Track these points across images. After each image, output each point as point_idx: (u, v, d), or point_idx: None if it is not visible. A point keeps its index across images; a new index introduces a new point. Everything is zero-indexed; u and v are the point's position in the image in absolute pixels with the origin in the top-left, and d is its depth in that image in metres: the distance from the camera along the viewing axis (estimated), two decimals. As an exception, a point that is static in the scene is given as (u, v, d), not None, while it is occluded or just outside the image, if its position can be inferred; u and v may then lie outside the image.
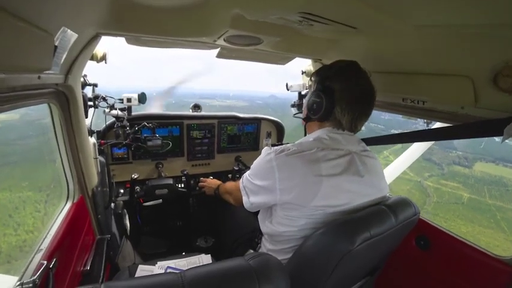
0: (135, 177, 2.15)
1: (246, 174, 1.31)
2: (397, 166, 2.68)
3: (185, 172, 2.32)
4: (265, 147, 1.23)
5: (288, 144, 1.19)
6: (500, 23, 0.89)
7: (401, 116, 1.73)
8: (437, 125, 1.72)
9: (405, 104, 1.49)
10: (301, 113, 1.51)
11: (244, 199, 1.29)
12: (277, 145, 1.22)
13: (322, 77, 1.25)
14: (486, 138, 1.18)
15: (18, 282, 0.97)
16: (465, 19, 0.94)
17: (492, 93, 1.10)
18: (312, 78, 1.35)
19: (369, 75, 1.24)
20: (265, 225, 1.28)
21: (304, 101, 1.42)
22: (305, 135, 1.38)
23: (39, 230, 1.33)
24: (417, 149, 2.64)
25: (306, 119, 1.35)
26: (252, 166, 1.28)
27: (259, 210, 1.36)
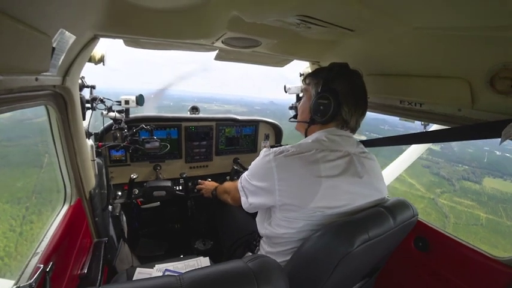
0: (134, 177, 2.14)
1: (245, 174, 1.31)
2: (395, 168, 2.69)
3: (184, 175, 2.31)
4: (264, 149, 1.23)
5: (287, 146, 1.19)
6: (496, 26, 0.90)
7: (398, 118, 1.74)
8: (435, 127, 1.73)
9: (402, 106, 1.50)
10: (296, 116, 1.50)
11: (243, 199, 1.29)
12: (276, 146, 1.22)
13: (324, 78, 1.26)
14: (488, 151, 1.18)
15: (15, 286, 0.96)
16: (462, 21, 0.95)
17: (489, 95, 1.11)
18: (307, 81, 1.35)
19: (361, 75, 1.29)
20: (263, 227, 1.28)
21: (300, 104, 1.41)
22: (305, 136, 1.38)
23: (13, 257, 1.22)
24: (414, 151, 2.65)
25: (311, 122, 1.34)
26: (250, 167, 1.28)
27: (257, 212, 1.36)
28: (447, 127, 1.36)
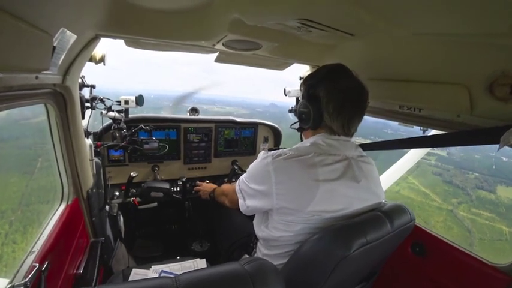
0: (134, 175, 2.14)
1: (243, 177, 1.31)
2: (394, 172, 2.69)
3: (183, 179, 2.30)
4: (262, 151, 1.23)
5: (285, 149, 1.18)
6: (496, 33, 0.90)
7: (397, 123, 1.74)
8: (433, 132, 1.73)
9: (402, 111, 1.51)
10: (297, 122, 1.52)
11: (241, 202, 1.28)
12: (274, 149, 1.22)
13: (307, 85, 1.25)
14: (494, 157, 1.18)
15: (9, 285, 0.95)
16: (462, 28, 0.96)
17: (488, 101, 1.11)
18: (301, 86, 1.36)
19: (356, 75, 1.22)
20: (260, 230, 1.27)
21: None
22: (301, 140, 1.39)
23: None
24: (413, 155, 2.65)
25: (299, 130, 1.38)
26: (248, 169, 1.28)
27: (254, 215, 1.36)
28: (446, 132, 1.36)
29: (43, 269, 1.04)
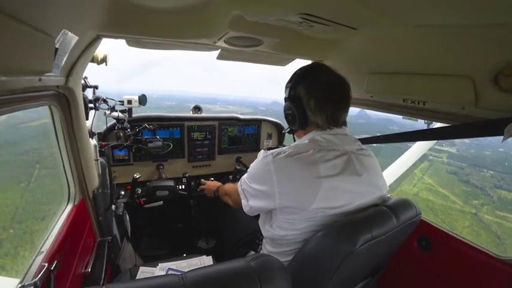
0: (137, 176, 2.15)
1: (244, 177, 1.30)
2: (398, 166, 2.67)
3: (187, 175, 2.32)
4: (262, 151, 1.22)
5: (284, 147, 1.18)
6: (500, 23, 0.89)
7: (402, 117, 1.73)
8: (438, 125, 1.72)
9: (405, 105, 1.49)
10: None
11: (244, 202, 1.28)
12: (273, 148, 1.21)
13: (288, 88, 1.28)
14: (505, 153, 1.16)
15: (20, 285, 0.97)
16: (465, 19, 0.94)
17: (493, 93, 1.10)
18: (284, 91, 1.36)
19: (334, 70, 1.24)
20: (265, 229, 1.27)
21: None
22: (293, 140, 1.39)
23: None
24: (418, 149, 2.63)
25: (290, 132, 1.40)
26: (249, 169, 1.27)
27: (259, 214, 1.36)
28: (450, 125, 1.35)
29: (52, 268, 1.06)
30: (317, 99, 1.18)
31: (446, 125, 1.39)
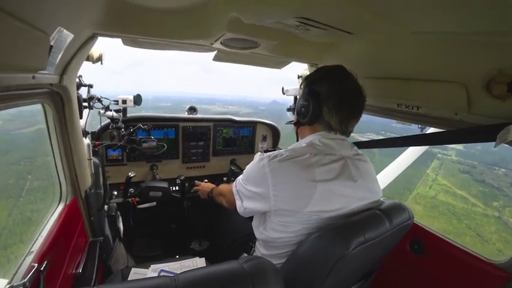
0: (132, 175, 2.14)
1: (239, 178, 1.30)
2: (391, 170, 2.69)
3: (182, 177, 2.31)
4: (258, 153, 1.22)
5: (281, 150, 1.18)
6: (493, 30, 0.90)
7: (395, 121, 1.74)
8: (431, 130, 1.74)
9: (400, 110, 1.51)
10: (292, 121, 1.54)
11: (238, 204, 1.28)
12: (270, 151, 1.21)
13: (309, 81, 1.27)
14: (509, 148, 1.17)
15: (8, 286, 0.95)
16: (459, 26, 0.96)
17: (485, 99, 1.12)
18: (301, 84, 1.36)
19: (356, 78, 1.25)
20: (259, 232, 1.27)
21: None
22: (297, 140, 1.39)
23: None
24: (411, 153, 2.66)
25: (297, 124, 1.36)
26: (245, 171, 1.27)
27: (253, 216, 1.36)
28: (444, 130, 1.36)
29: (42, 269, 1.04)
30: (336, 100, 1.19)
31: (439, 130, 1.41)
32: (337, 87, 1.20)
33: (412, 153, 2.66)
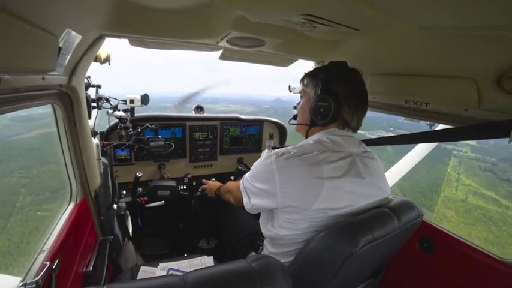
0: (140, 175, 2.16)
1: (247, 175, 1.30)
2: (400, 168, 2.66)
3: (189, 176, 2.32)
4: (266, 150, 1.22)
5: (289, 147, 1.18)
6: (503, 25, 0.88)
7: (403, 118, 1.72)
8: (440, 127, 1.71)
9: (408, 106, 1.49)
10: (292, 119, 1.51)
11: (245, 200, 1.28)
12: (277, 148, 1.21)
13: (324, 81, 1.22)
14: None
15: (22, 283, 0.97)
16: (468, 20, 0.94)
17: (496, 95, 1.09)
18: (305, 82, 1.32)
19: (361, 73, 1.26)
20: (266, 229, 1.27)
21: (300, 105, 1.39)
22: (306, 138, 1.37)
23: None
24: (420, 151, 2.62)
25: (311, 125, 1.31)
26: (252, 168, 1.27)
27: (260, 213, 1.36)
28: (453, 127, 1.34)
29: (54, 267, 1.06)
30: (355, 100, 1.20)
31: (449, 126, 1.38)
32: (353, 86, 1.21)
33: (421, 150, 2.62)
